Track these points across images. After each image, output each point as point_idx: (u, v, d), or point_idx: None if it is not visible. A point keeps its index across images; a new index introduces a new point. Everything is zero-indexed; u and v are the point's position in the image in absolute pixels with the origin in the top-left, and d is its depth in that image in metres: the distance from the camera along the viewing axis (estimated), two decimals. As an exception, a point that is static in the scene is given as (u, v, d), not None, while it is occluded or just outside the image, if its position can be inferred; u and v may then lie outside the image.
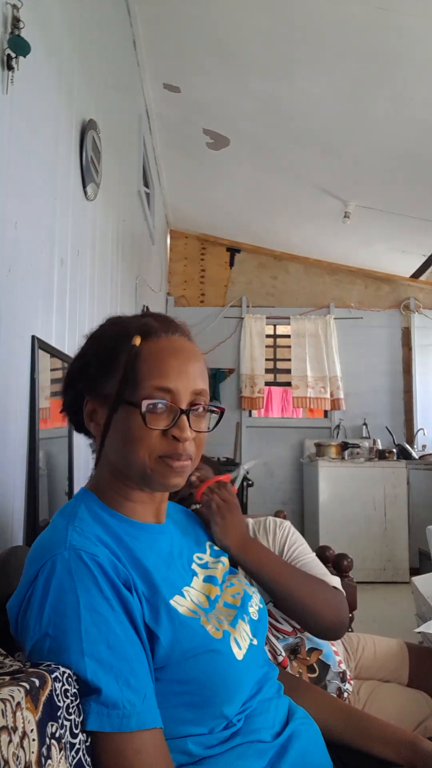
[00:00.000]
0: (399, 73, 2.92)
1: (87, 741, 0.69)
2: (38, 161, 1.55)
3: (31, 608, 0.72)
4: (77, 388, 0.87)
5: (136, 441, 0.80)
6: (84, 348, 0.90)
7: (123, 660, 0.70)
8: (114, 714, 0.68)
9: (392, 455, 4.95)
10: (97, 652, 0.69)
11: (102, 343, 0.86)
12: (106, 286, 2.51)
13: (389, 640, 1.63)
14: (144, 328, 0.83)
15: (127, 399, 0.80)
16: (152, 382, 0.80)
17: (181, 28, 2.97)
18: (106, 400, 0.82)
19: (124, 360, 0.81)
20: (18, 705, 0.58)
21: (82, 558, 0.73)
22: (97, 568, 0.73)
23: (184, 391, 0.81)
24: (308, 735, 0.89)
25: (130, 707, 0.68)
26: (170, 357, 0.82)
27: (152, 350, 0.82)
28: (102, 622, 0.70)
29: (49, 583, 0.71)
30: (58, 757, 0.62)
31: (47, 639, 0.69)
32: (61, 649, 0.69)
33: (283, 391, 6.47)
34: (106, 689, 0.68)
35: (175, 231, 5.82)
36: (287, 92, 3.27)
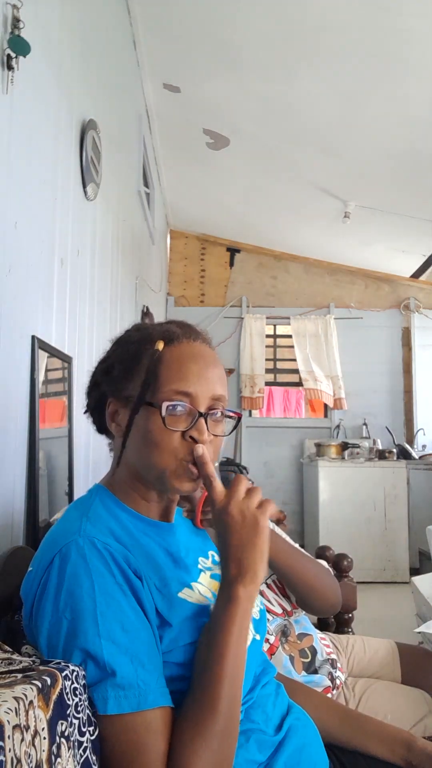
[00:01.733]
0: (399, 73, 2.92)
1: (93, 737, 0.69)
2: (38, 161, 1.55)
3: (47, 593, 0.74)
4: (101, 390, 0.90)
5: (155, 442, 0.82)
6: (109, 352, 0.93)
7: (137, 642, 0.73)
8: (131, 694, 0.70)
9: (392, 455, 4.94)
10: (112, 635, 0.71)
11: (126, 348, 0.89)
12: (106, 286, 2.51)
13: (379, 639, 1.65)
14: (166, 334, 0.86)
15: (148, 400, 0.82)
16: (172, 385, 0.83)
17: (181, 28, 2.97)
18: (128, 401, 0.85)
19: (146, 363, 0.84)
20: (30, 703, 0.58)
21: (95, 545, 0.76)
22: (109, 556, 0.76)
23: (203, 395, 0.84)
24: (305, 731, 0.90)
25: (144, 686, 0.71)
26: (191, 362, 0.85)
27: (173, 355, 0.85)
28: (116, 606, 0.73)
29: (65, 569, 0.74)
30: (67, 755, 0.63)
31: (64, 622, 0.72)
32: (78, 632, 0.71)
33: (284, 391, 6.47)
34: (121, 671, 0.70)
35: (175, 231, 5.82)
36: (287, 92, 3.27)
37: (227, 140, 3.93)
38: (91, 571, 0.73)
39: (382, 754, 0.97)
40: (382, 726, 1.01)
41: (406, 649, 1.61)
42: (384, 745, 0.98)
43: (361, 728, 1.01)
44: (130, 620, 0.73)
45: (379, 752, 0.97)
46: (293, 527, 5.21)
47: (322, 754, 0.91)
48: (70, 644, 0.71)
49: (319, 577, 1.31)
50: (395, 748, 0.97)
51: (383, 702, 1.38)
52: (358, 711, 1.11)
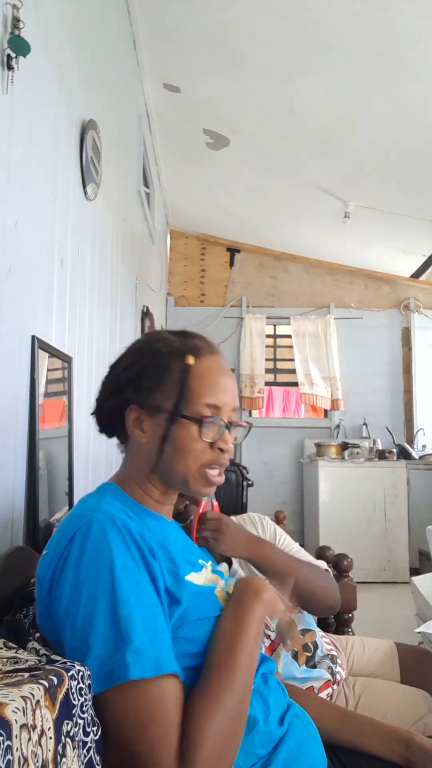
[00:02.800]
0: (399, 73, 2.92)
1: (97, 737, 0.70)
2: (38, 161, 1.55)
3: (68, 565, 0.78)
4: (124, 396, 0.94)
5: (188, 451, 0.90)
6: (132, 360, 0.96)
7: (149, 614, 0.77)
8: (148, 660, 0.72)
9: (392, 455, 4.94)
10: (129, 605, 0.75)
11: (154, 359, 0.94)
12: (106, 286, 2.51)
13: (378, 639, 1.65)
14: (192, 349, 0.94)
15: (183, 413, 0.90)
16: (205, 399, 0.91)
17: (181, 28, 2.97)
18: (155, 411, 0.91)
19: (177, 377, 0.91)
20: (37, 703, 0.58)
21: (114, 522, 0.81)
22: (127, 533, 0.80)
23: (226, 407, 0.93)
24: (305, 729, 0.92)
25: (159, 654, 0.74)
26: (217, 376, 0.94)
27: (201, 369, 0.93)
28: (132, 580, 0.77)
29: (86, 542, 0.78)
30: (72, 755, 0.63)
31: (84, 591, 0.76)
32: (98, 600, 0.74)
33: (284, 391, 6.47)
34: (138, 638, 0.73)
35: (175, 231, 5.82)
36: (287, 92, 3.27)
37: (227, 140, 3.93)
38: (111, 545, 0.78)
39: (381, 752, 0.98)
40: (380, 724, 1.03)
41: (406, 650, 1.62)
42: (383, 743, 0.99)
43: (359, 727, 1.02)
44: (144, 594, 0.77)
45: (378, 750, 0.98)
46: (293, 527, 5.21)
47: (321, 751, 0.92)
48: (90, 612, 0.74)
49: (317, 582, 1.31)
50: (394, 746, 0.98)
51: (383, 701, 1.38)
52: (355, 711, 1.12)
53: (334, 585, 1.38)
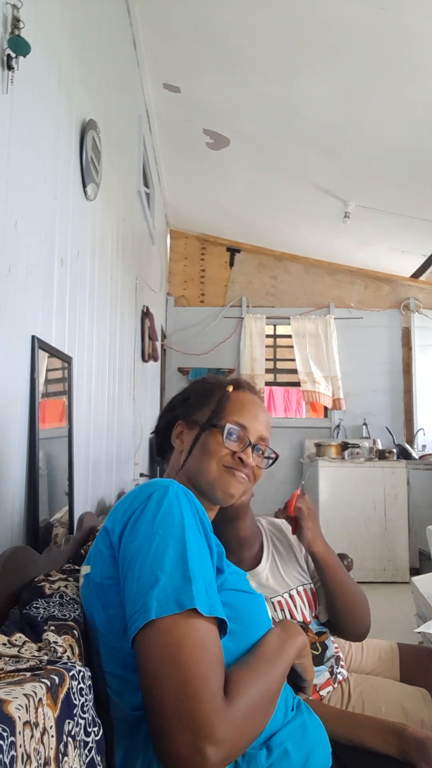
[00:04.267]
0: (399, 73, 2.92)
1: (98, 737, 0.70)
2: (38, 161, 1.55)
3: (144, 515, 0.87)
4: (174, 413, 1.17)
5: (212, 453, 1.07)
6: (187, 388, 1.22)
7: (207, 569, 0.86)
8: (205, 601, 0.79)
9: (392, 455, 4.94)
10: (193, 555, 0.83)
11: (203, 385, 1.18)
12: (106, 286, 2.51)
13: (379, 641, 1.66)
14: (236, 383, 1.17)
15: (213, 423, 1.09)
16: (234, 417, 1.10)
17: (181, 28, 2.97)
18: (194, 424, 1.12)
19: (216, 398, 1.12)
20: (40, 701, 0.59)
21: (185, 492, 0.92)
22: (194, 506, 0.91)
23: (254, 431, 1.11)
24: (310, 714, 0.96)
25: (213, 600, 0.82)
26: (250, 405, 1.14)
27: (238, 397, 1.14)
28: (196, 539, 0.86)
29: (162, 501, 0.88)
30: (74, 754, 0.64)
31: (157, 536, 0.84)
32: (169, 545, 0.83)
33: (284, 391, 6.47)
34: (198, 581, 0.80)
35: (175, 231, 5.82)
36: (287, 92, 3.27)
37: (227, 140, 3.93)
38: (182, 507, 0.88)
39: (375, 744, 1.02)
40: (373, 719, 1.08)
41: (407, 649, 1.62)
42: (377, 735, 1.03)
43: (353, 722, 1.07)
44: (203, 552, 0.87)
45: (373, 743, 1.03)
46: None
47: (325, 737, 0.95)
48: (162, 552, 0.82)
49: (359, 605, 1.35)
50: (388, 738, 1.02)
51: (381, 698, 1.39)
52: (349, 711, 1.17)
53: (369, 612, 1.39)
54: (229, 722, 0.73)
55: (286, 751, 0.87)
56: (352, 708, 1.36)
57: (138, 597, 0.79)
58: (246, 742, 0.78)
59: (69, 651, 0.78)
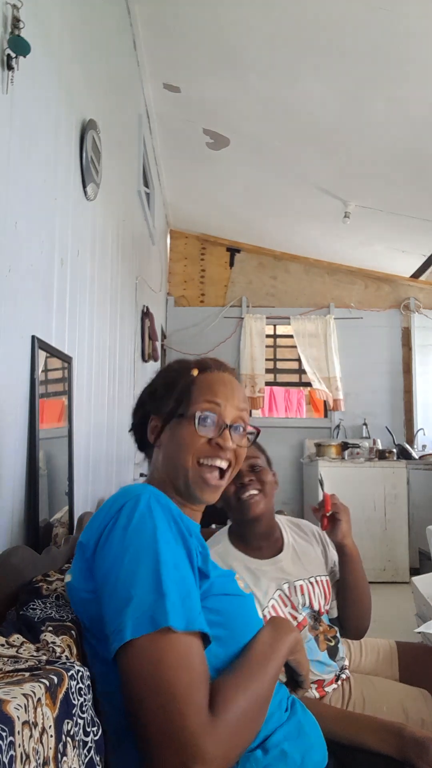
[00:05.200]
0: (399, 73, 2.92)
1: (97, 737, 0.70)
2: (38, 161, 1.55)
3: (115, 529, 0.85)
4: (145, 409, 1.08)
5: (187, 446, 0.98)
6: (153, 379, 1.12)
7: (184, 579, 0.83)
8: (182, 615, 0.77)
9: (392, 455, 4.94)
10: (168, 566, 0.81)
11: (168, 374, 1.09)
12: (106, 286, 2.51)
13: (377, 640, 1.67)
14: (200, 364, 1.06)
15: (180, 412, 1.00)
16: (204, 401, 1.00)
17: (181, 28, 2.97)
18: (166, 416, 1.03)
19: (182, 385, 1.02)
20: (39, 701, 0.59)
21: (159, 500, 0.88)
22: (168, 512, 0.88)
23: (229, 410, 1.01)
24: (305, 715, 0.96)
25: (190, 612, 0.79)
26: (219, 384, 1.03)
27: (205, 379, 1.03)
28: (171, 548, 0.84)
29: (134, 512, 0.85)
30: (72, 754, 0.64)
31: (129, 551, 0.82)
32: (141, 559, 0.81)
33: (285, 391, 6.47)
34: (172, 595, 0.78)
35: (175, 231, 5.82)
36: (287, 92, 3.27)
37: (227, 140, 3.93)
38: (155, 518, 0.85)
39: (375, 744, 1.03)
40: (372, 719, 1.08)
41: (407, 648, 1.62)
42: (376, 735, 1.03)
43: (353, 722, 1.07)
44: (180, 561, 0.84)
45: (373, 743, 1.03)
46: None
47: (320, 737, 0.95)
48: (134, 567, 0.80)
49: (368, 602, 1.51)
50: (386, 738, 1.02)
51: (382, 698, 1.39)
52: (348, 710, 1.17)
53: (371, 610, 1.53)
54: (217, 738, 0.72)
55: (283, 752, 0.87)
56: (353, 707, 1.36)
57: (113, 617, 0.77)
58: (238, 753, 0.77)
59: (67, 651, 0.78)
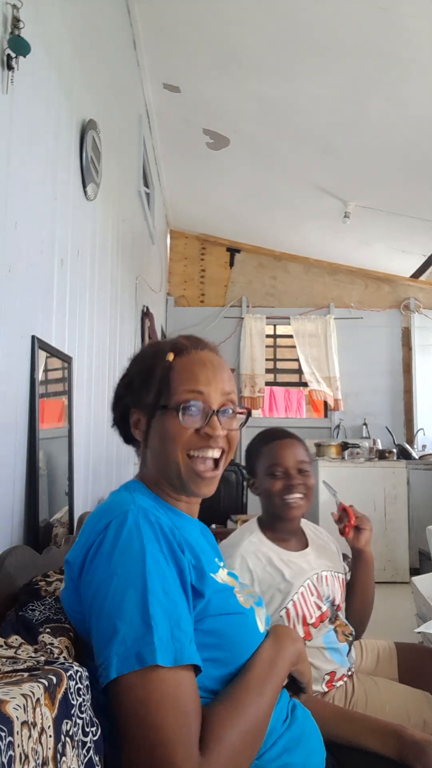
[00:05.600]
0: (399, 73, 2.92)
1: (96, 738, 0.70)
2: (38, 161, 1.55)
3: (101, 551, 0.80)
4: (124, 403, 0.99)
5: (172, 439, 0.90)
6: (128, 369, 1.02)
7: (175, 605, 0.78)
8: (170, 649, 0.74)
9: (392, 455, 4.94)
10: (156, 594, 0.76)
11: (142, 362, 0.99)
12: (106, 286, 2.51)
13: (377, 641, 1.67)
14: (176, 346, 0.96)
15: (163, 404, 0.91)
16: (185, 387, 0.91)
17: (181, 28, 2.97)
18: (147, 409, 0.94)
19: (160, 373, 0.93)
20: (37, 701, 0.59)
21: (147, 516, 0.83)
22: (158, 528, 0.83)
23: (214, 394, 0.92)
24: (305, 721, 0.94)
25: (179, 644, 0.75)
26: (200, 367, 0.94)
27: (183, 363, 0.94)
28: (160, 571, 0.79)
29: (120, 531, 0.80)
30: (72, 754, 0.64)
31: (114, 577, 0.77)
32: (128, 587, 0.76)
33: (285, 391, 6.47)
34: (162, 626, 0.75)
35: (175, 231, 5.82)
36: (287, 92, 3.27)
37: (227, 140, 3.93)
38: (144, 537, 0.80)
39: (374, 746, 1.02)
40: (373, 720, 1.07)
41: (406, 649, 1.62)
42: (376, 737, 1.02)
43: (353, 723, 1.06)
44: (170, 586, 0.79)
45: (372, 744, 1.02)
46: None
47: (320, 742, 0.95)
48: (120, 597, 0.76)
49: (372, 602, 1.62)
50: (386, 740, 1.01)
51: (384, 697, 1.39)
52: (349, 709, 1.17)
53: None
54: None
55: (285, 765, 0.86)
56: (355, 705, 1.36)
57: (100, 649, 0.75)
58: None
59: (65, 652, 0.78)
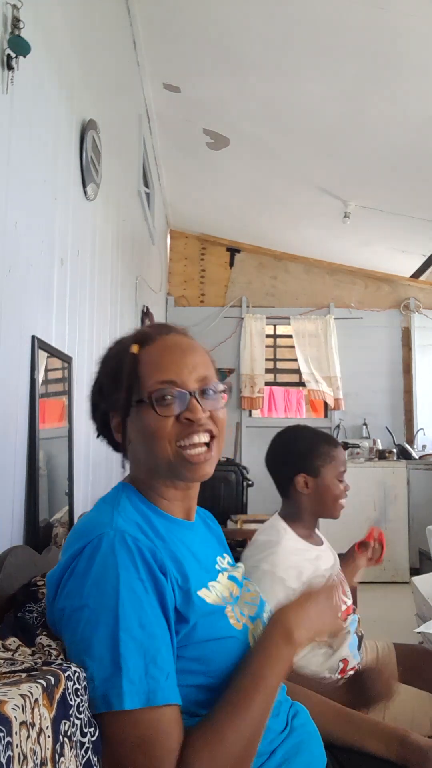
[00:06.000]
0: (398, 73, 2.92)
1: (95, 738, 0.70)
2: (38, 161, 1.55)
3: (74, 578, 0.76)
4: (101, 409, 0.94)
5: (153, 433, 0.84)
6: (96, 374, 0.96)
7: (152, 638, 0.74)
8: (141, 690, 0.70)
9: (392, 455, 4.94)
10: (130, 629, 0.72)
11: (108, 363, 0.93)
12: (106, 286, 2.51)
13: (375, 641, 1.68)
14: (139, 337, 0.90)
15: (136, 400, 0.85)
16: (154, 378, 0.85)
17: (181, 28, 2.97)
18: (122, 409, 0.88)
19: (127, 369, 0.87)
20: (36, 702, 0.59)
21: (125, 540, 0.78)
22: (137, 552, 0.77)
23: (187, 377, 0.86)
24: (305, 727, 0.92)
25: (154, 683, 0.71)
26: (167, 354, 0.88)
27: (150, 353, 0.88)
28: (136, 602, 0.74)
29: (94, 558, 0.76)
30: (70, 755, 0.64)
31: (86, 609, 0.74)
32: (99, 621, 0.73)
33: (284, 391, 6.47)
34: (134, 665, 0.71)
35: (175, 231, 5.82)
36: (287, 92, 3.27)
37: (227, 140, 3.93)
38: (118, 565, 0.75)
39: (377, 750, 0.99)
40: (376, 723, 1.04)
41: (405, 649, 1.62)
42: (379, 741, 1.00)
43: (356, 725, 1.03)
44: (147, 617, 0.75)
45: (375, 748, 1.00)
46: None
47: (320, 748, 0.93)
48: (90, 632, 0.72)
49: None
50: (390, 744, 0.99)
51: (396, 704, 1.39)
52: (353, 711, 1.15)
53: None
54: None
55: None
56: None
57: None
58: None
59: (63, 654, 0.77)
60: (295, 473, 1.54)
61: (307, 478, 1.52)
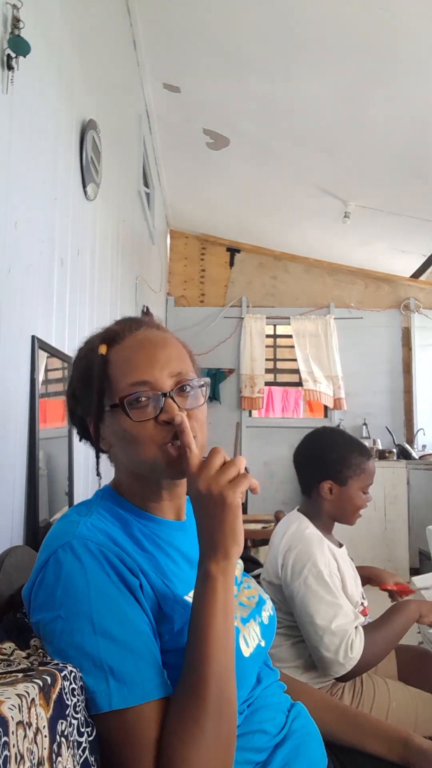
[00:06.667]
0: (399, 73, 2.92)
1: (92, 738, 0.70)
2: (38, 161, 1.55)
3: (43, 590, 0.75)
4: (78, 415, 0.90)
5: (132, 439, 0.81)
6: (69, 377, 0.92)
7: (135, 636, 0.73)
8: (134, 688, 0.70)
9: (392, 455, 4.94)
10: (108, 630, 0.71)
11: (78, 366, 0.89)
12: (106, 286, 2.51)
13: None
14: (106, 336, 0.86)
15: (108, 404, 0.82)
16: (126, 380, 0.81)
17: (181, 28, 2.97)
18: (96, 414, 0.85)
19: (96, 373, 0.82)
20: (32, 701, 0.59)
21: (88, 547, 0.76)
22: (103, 557, 0.76)
23: (161, 377, 0.82)
24: (306, 729, 0.91)
25: (140, 680, 0.71)
26: (137, 352, 0.83)
27: (119, 352, 0.83)
28: (111, 602, 0.73)
29: (60, 568, 0.74)
30: (67, 754, 0.64)
31: (59, 621, 0.72)
32: (74, 630, 0.71)
33: (283, 391, 6.47)
34: (118, 666, 0.70)
35: (175, 231, 5.82)
36: (287, 92, 3.27)
37: (227, 140, 3.93)
38: (86, 571, 0.74)
39: (379, 751, 0.99)
40: (379, 724, 1.04)
41: (405, 650, 1.62)
42: (382, 742, 0.99)
43: (359, 726, 1.02)
44: (125, 614, 0.73)
45: (377, 750, 0.99)
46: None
47: (321, 749, 0.92)
48: (65, 642, 0.71)
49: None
50: (392, 746, 0.99)
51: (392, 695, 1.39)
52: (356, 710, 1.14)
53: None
54: None
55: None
56: (362, 701, 1.36)
57: None
58: None
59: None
60: (323, 479, 1.52)
61: (333, 486, 1.51)
